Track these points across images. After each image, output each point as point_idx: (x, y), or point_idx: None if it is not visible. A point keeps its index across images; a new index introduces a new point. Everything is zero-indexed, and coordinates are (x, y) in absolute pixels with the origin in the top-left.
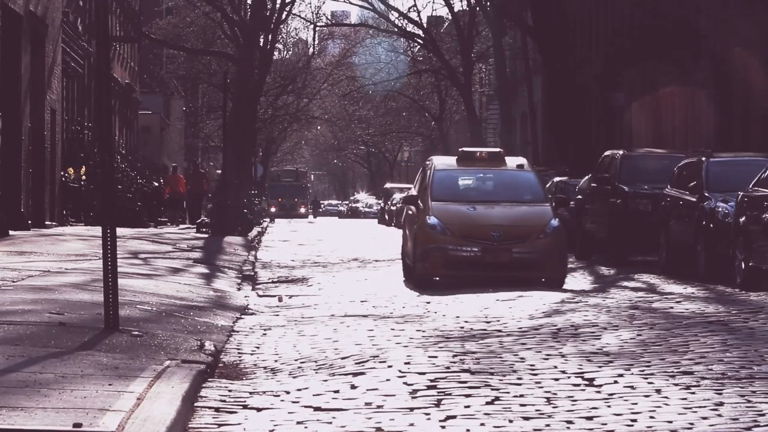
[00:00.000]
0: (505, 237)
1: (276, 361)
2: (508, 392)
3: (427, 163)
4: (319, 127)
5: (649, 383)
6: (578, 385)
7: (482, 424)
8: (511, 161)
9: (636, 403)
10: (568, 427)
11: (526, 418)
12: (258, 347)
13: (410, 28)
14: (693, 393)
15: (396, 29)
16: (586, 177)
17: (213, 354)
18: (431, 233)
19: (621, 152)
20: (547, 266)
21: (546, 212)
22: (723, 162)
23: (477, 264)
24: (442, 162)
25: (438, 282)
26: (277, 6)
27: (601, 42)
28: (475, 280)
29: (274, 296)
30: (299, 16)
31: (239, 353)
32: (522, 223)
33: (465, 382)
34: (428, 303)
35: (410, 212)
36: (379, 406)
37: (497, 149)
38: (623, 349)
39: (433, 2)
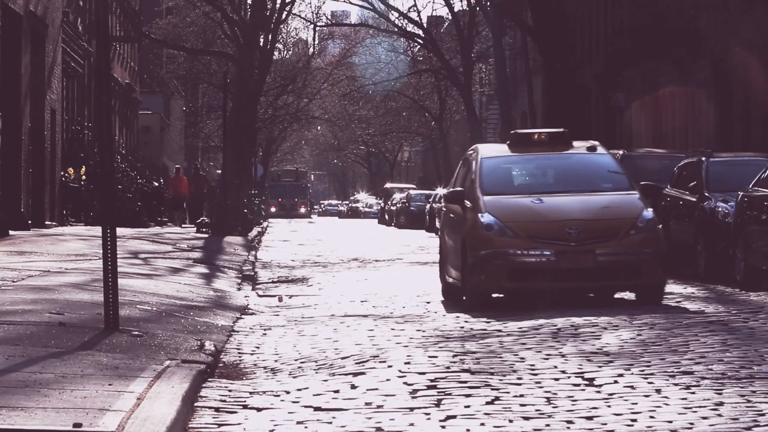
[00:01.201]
0: (585, 235)
1: (276, 361)
2: (508, 392)
3: (470, 152)
4: (319, 127)
5: (649, 383)
6: (578, 385)
7: (482, 424)
8: (580, 143)
9: (636, 403)
10: (568, 427)
11: (526, 418)
12: (258, 347)
13: (410, 28)
14: (693, 393)
15: (396, 29)
16: None
17: (213, 354)
18: (487, 236)
19: (621, 152)
20: (643, 272)
21: (634, 201)
22: (723, 162)
23: (551, 272)
24: (490, 149)
25: (499, 299)
26: (277, 6)
27: (601, 42)
28: (548, 294)
29: (274, 296)
30: (299, 16)
31: (239, 353)
32: (606, 216)
33: (465, 381)
34: (428, 303)
35: (452, 215)
36: (379, 406)
37: (560, 129)
38: (623, 349)
39: (433, 2)
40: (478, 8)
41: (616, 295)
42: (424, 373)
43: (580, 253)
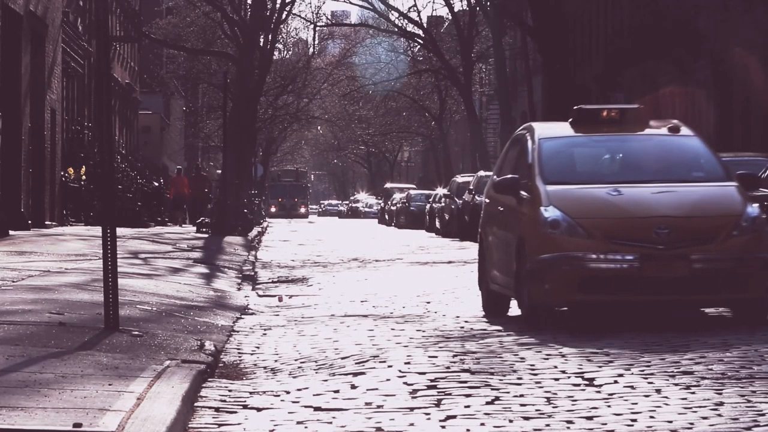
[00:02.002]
0: (677, 236)
1: (276, 361)
2: (508, 392)
3: (521, 132)
4: (319, 127)
5: (649, 383)
6: (578, 384)
7: (482, 424)
8: (658, 123)
9: (636, 403)
10: (568, 427)
11: (526, 418)
12: (258, 347)
13: (410, 28)
14: (693, 393)
15: (396, 29)
16: None
17: (213, 354)
18: (552, 234)
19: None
20: (749, 283)
21: (733, 195)
22: (723, 162)
23: (634, 282)
24: (549, 129)
25: (565, 314)
26: (277, 6)
27: (601, 42)
28: (629, 309)
29: (274, 296)
30: (299, 16)
31: (239, 353)
32: (702, 213)
33: (465, 381)
34: (428, 303)
35: (500, 209)
36: (379, 406)
37: (634, 105)
38: (623, 349)
39: (433, 2)
40: (478, 8)
41: (705, 309)
42: (424, 373)
43: (672, 258)
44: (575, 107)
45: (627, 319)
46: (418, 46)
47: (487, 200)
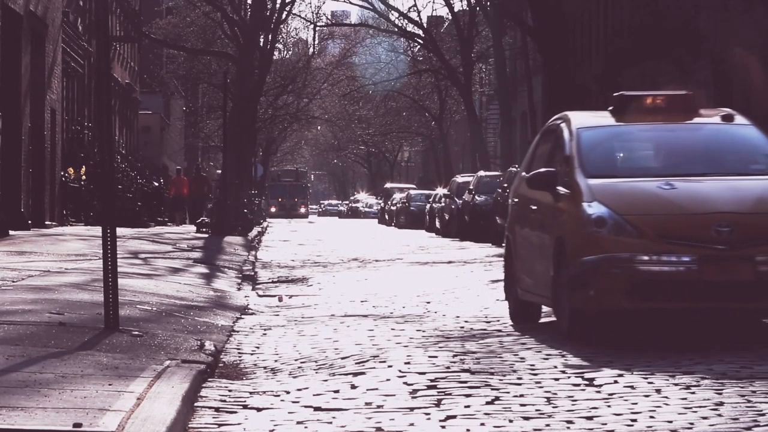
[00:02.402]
0: (741, 235)
1: (276, 361)
2: (508, 392)
3: (556, 121)
4: (319, 127)
5: (649, 383)
6: (578, 384)
7: (482, 424)
8: (710, 111)
9: (636, 403)
10: (568, 427)
11: (526, 418)
12: (258, 347)
13: (410, 28)
14: (693, 393)
15: (396, 29)
16: None
17: (213, 354)
18: (597, 233)
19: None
20: None
21: None
22: None
23: (691, 287)
24: (587, 118)
25: (609, 323)
26: (277, 6)
27: (601, 42)
28: (685, 317)
29: (274, 296)
30: (299, 16)
31: (239, 353)
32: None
33: (465, 381)
34: (428, 303)
35: (533, 206)
36: (379, 406)
37: (683, 91)
38: (623, 349)
39: (433, 2)
40: (478, 8)
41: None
42: (424, 373)
43: (734, 260)
44: (616, 94)
45: (674, 328)
46: (418, 46)
47: (516, 199)
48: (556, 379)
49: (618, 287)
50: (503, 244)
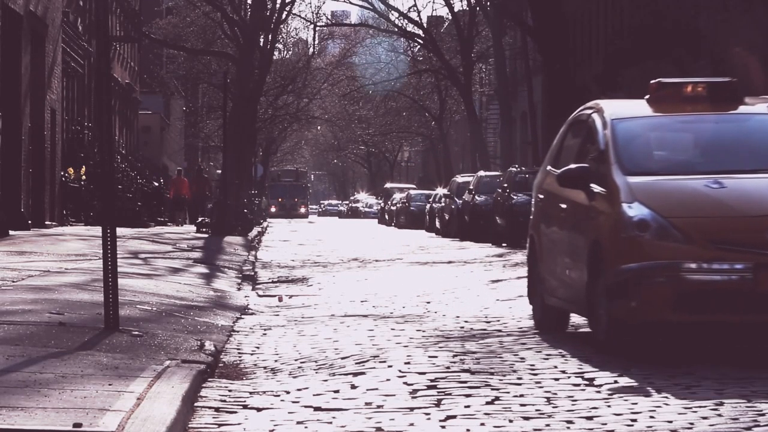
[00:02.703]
0: None
1: (276, 361)
2: (508, 392)
3: (585, 113)
4: (319, 127)
5: (650, 383)
6: (578, 384)
7: (482, 424)
8: (755, 100)
9: (636, 403)
10: (568, 427)
11: (526, 418)
12: (258, 347)
13: (410, 28)
14: (693, 393)
15: (396, 29)
16: None
17: (213, 354)
18: (639, 237)
19: None
20: None
21: None
22: None
23: (745, 298)
24: (622, 108)
25: (653, 335)
26: (277, 6)
27: (601, 42)
28: (736, 332)
29: (274, 296)
30: (299, 16)
31: (239, 353)
32: None
33: (465, 381)
34: (428, 303)
35: (563, 206)
36: (379, 406)
37: (726, 78)
38: (623, 349)
39: (433, 2)
40: (478, 8)
41: None
42: (424, 373)
43: None
44: (653, 81)
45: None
46: (418, 46)
47: (541, 196)
48: (556, 379)
49: (663, 298)
50: (526, 244)
